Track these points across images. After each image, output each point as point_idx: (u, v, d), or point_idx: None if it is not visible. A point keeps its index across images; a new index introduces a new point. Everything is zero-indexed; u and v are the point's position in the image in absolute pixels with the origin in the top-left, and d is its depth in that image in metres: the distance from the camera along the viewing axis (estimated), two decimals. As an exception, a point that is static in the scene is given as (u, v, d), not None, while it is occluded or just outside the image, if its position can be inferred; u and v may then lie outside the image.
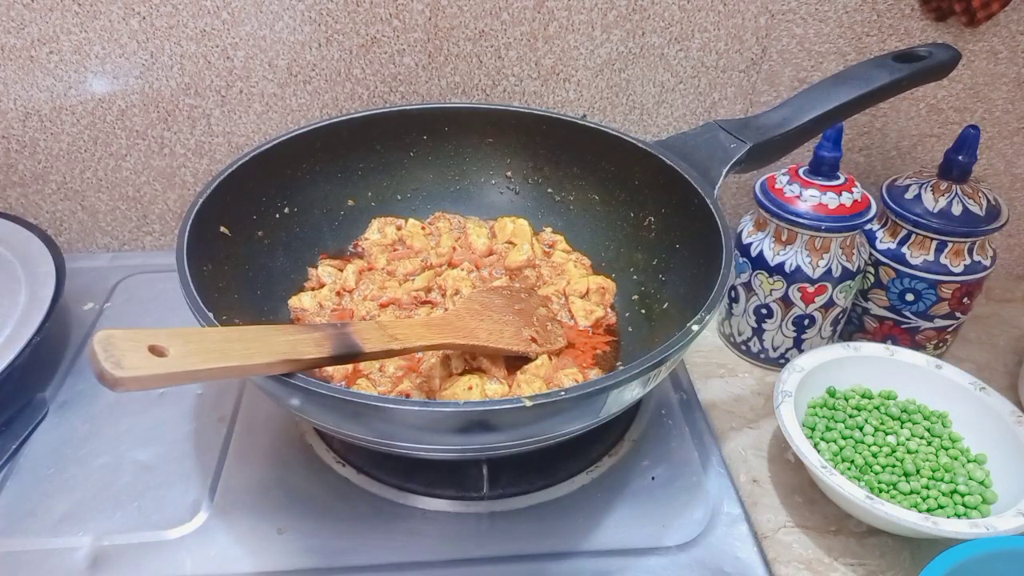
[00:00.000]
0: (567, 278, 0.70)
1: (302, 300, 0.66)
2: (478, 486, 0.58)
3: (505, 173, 0.78)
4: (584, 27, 0.75)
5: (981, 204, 0.68)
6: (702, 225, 0.59)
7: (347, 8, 0.72)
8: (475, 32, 0.74)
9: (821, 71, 0.78)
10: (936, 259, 0.68)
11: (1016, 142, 0.82)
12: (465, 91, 0.78)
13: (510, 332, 0.60)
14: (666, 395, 0.68)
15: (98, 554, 0.53)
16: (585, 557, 0.54)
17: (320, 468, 0.60)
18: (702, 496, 0.59)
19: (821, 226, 0.65)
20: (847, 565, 0.56)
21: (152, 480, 0.59)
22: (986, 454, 0.60)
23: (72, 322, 0.75)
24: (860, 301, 0.74)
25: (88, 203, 0.82)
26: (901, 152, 0.83)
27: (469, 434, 0.47)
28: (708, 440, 0.64)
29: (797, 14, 0.75)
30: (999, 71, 0.78)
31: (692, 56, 0.77)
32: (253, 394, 0.66)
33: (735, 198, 0.86)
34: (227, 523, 0.56)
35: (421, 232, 0.75)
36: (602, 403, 0.47)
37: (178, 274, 0.52)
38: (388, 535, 0.55)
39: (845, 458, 0.60)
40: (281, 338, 0.44)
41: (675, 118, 0.81)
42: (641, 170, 0.68)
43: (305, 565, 0.53)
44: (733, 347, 0.76)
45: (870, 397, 0.65)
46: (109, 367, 0.35)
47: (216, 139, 0.79)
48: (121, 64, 0.73)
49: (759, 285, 0.70)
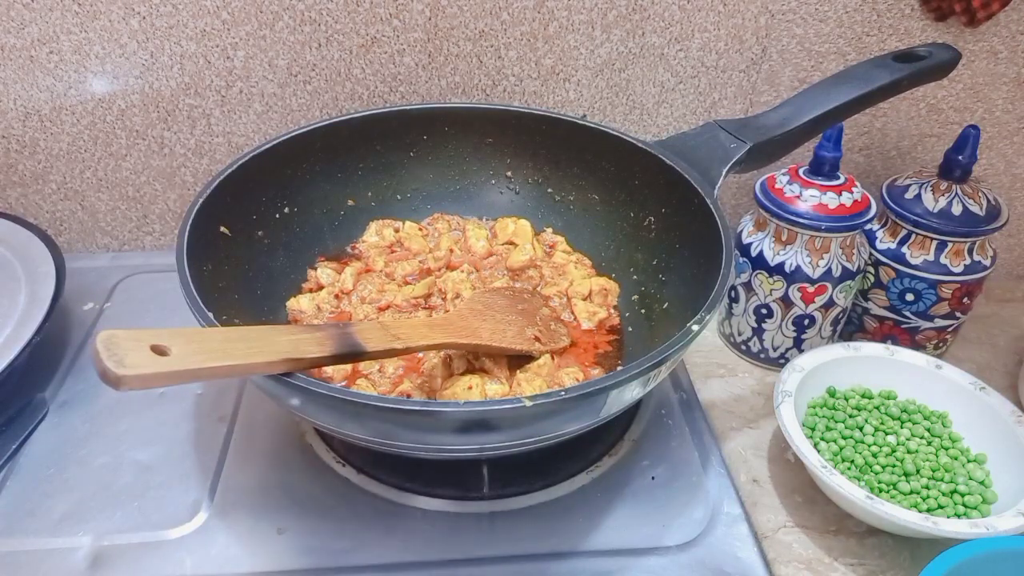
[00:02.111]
0: (569, 279, 0.70)
1: (300, 302, 0.66)
2: (478, 486, 0.58)
3: (505, 173, 0.78)
4: (584, 27, 0.75)
5: (981, 204, 0.68)
6: (702, 225, 0.59)
7: (347, 8, 0.72)
8: (475, 32, 0.74)
9: (821, 71, 0.78)
10: (936, 259, 0.68)
11: (1016, 142, 0.82)
12: (465, 91, 0.78)
13: (513, 331, 0.60)
14: (666, 395, 0.68)
15: (98, 554, 0.53)
16: (585, 557, 0.54)
17: (320, 468, 0.60)
18: (702, 496, 0.59)
19: (821, 226, 0.65)
20: (847, 565, 0.56)
21: (152, 480, 0.59)
22: (986, 454, 0.60)
23: (72, 322, 0.75)
24: (860, 301, 0.74)
25: (88, 203, 0.82)
26: (901, 152, 0.83)
27: (469, 434, 0.46)
28: (708, 440, 0.64)
29: (797, 14, 0.75)
30: (999, 71, 0.78)
31: (692, 56, 0.77)
32: (253, 394, 0.66)
33: (735, 198, 0.87)
34: (227, 523, 0.56)
35: (419, 234, 0.75)
36: (602, 403, 0.47)
37: (178, 274, 0.52)
38: (388, 535, 0.55)
39: (845, 458, 0.60)
40: (283, 337, 0.44)
41: (675, 118, 0.81)
42: (641, 170, 0.68)
43: (305, 565, 0.53)
44: (733, 347, 0.76)
45: (870, 397, 0.65)
46: (112, 366, 0.35)
47: (216, 139, 0.79)
48: (121, 64, 0.73)
49: (759, 285, 0.70)
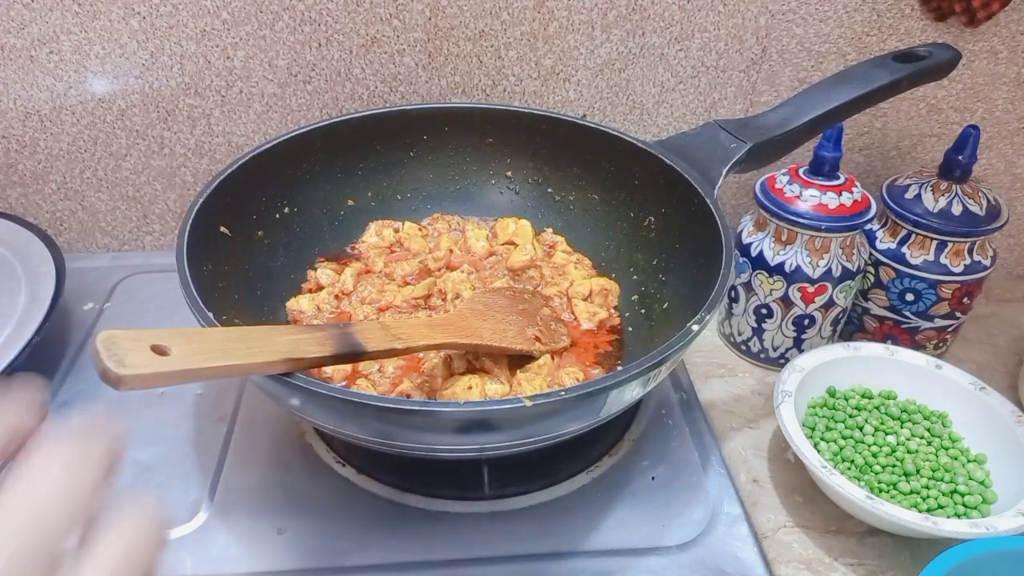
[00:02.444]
0: (569, 279, 0.70)
1: (300, 303, 0.66)
2: (478, 486, 0.58)
3: (505, 173, 0.78)
4: (584, 27, 0.75)
5: (981, 204, 0.68)
6: (702, 225, 0.59)
7: (347, 8, 0.72)
8: (475, 32, 0.74)
9: (821, 71, 0.78)
10: (936, 259, 0.68)
11: (1016, 142, 0.82)
12: (465, 91, 0.78)
13: (514, 331, 0.60)
14: (666, 395, 0.68)
15: (98, 554, 0.53)
16: (585, 557, 0.54)
17: (320, 468, 0.60)
18: (702, 496, 0.59)
19: (821, 226, 0.65)
20: (847, 565, 0.56)
21: (152, 480, 0.59)
22: (986, 454, 0.60)
23: (72, 322, 0.75)
24: (860, 301, 0.74)
25: (88, 203, 0.82)
26: (901, 152, 0.83)
27: (469, 434, 0.46)
28: (708, 440, 0.64)
29: (797, 14, 0.75)
30: (999, 71, 0.78)
31: (692, 56, 0.77)
32: (253, 394, 0.66)
33: (735, 198, 0.86)
34: (227, 523, 0.56)
35: (419, 234, 0.75)
36: (602, 403, 0.47)
37: (178, 274, 0.52)
38: (388, 535, 0.55)
39: (845, 458, 0.60)
40: (283, 337, 0.44)
41: (675, 118, 0.81)
42: (641, 170, 0.68)
43: (305, 565, 0.53)
44: (733, 347, 0.76)
45: (870, 397, 0.65)
46: (112, 366, 0.35)
47: (216, 139, 0.79)
48: (121, 64, 0.73)
49: (759, 285, 0.70)
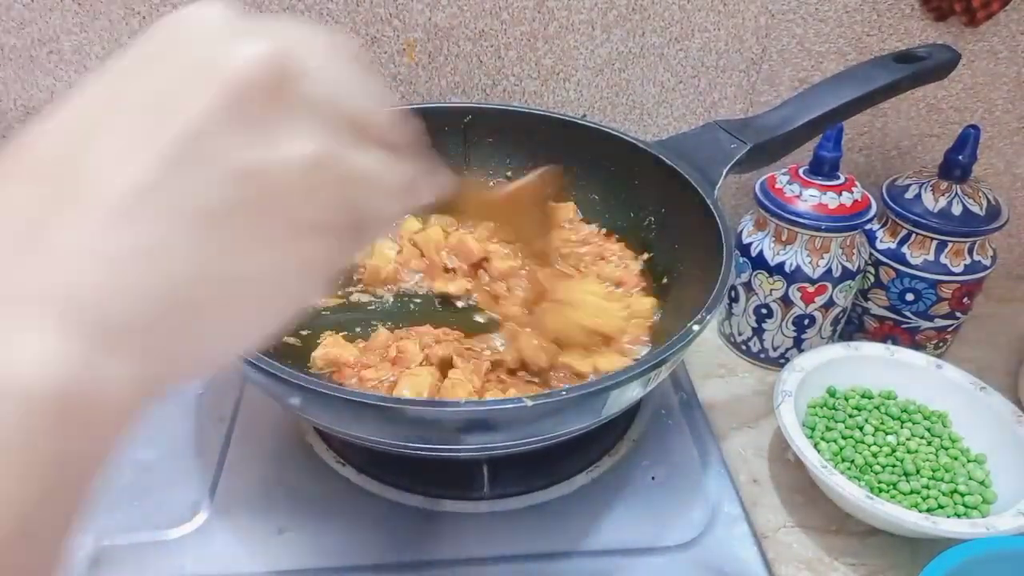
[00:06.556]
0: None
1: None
2: (478, 486, 0.58)
3: (505, 173, 0.77)
4: (584, 27, 0.74)
5: (981, 204, 0.68)
6: (702, 225, 0.59)
7: (347, 8, 0.72)
8: (475, 32, 0.74)
9: (821, 71, 0.77)
10: (936, 259, 0.68)
11: (1016, 142, 0.82)
12: (465, 91, 0.78)
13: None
14: (666, 395, 0.68)
15: (98, 554, 0.53)
16: (585, 557, 0.54)
17: (320, 468, 0.60)
18: (702, 496, 0.59)
19: (821, 226, 0.65)
20: (847, 565, 0.56)
21: (152, 480, 0.59)
22: (986, 454, 0.60)
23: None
24: (860, 301, 0.74)
25: (88, 203, 0.82)
26: (901, 152, 0.83)
27: (470, 434, 0.47)
28: (708, 440, 0.64)
29: (797, 14, 0.75)
30: (999, 71, 0.78)
31: (692, 56, 0.77)
32: (253, 394, 0.66)
33: (735, 198, 0.86)
34: (227, 523, 0.56)
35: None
36: (603, 403, 0.47)
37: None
38: (388, 535, 0.55)
39: (845, 458, 0.60)
40: None
41: (675, 118, 0.81)
42: (641, 170, 0.68)
43: (305, 565, 0.53)
44: (733, 347, 0.76)
45: (870, 397, 0.65)
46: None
47: (216, 139, 0.79)
48: (121, 64, 0.73)
49: (759, 285, 0.70)
